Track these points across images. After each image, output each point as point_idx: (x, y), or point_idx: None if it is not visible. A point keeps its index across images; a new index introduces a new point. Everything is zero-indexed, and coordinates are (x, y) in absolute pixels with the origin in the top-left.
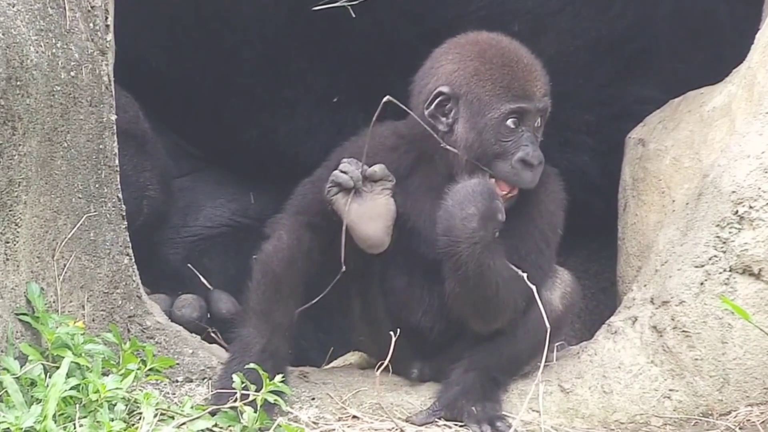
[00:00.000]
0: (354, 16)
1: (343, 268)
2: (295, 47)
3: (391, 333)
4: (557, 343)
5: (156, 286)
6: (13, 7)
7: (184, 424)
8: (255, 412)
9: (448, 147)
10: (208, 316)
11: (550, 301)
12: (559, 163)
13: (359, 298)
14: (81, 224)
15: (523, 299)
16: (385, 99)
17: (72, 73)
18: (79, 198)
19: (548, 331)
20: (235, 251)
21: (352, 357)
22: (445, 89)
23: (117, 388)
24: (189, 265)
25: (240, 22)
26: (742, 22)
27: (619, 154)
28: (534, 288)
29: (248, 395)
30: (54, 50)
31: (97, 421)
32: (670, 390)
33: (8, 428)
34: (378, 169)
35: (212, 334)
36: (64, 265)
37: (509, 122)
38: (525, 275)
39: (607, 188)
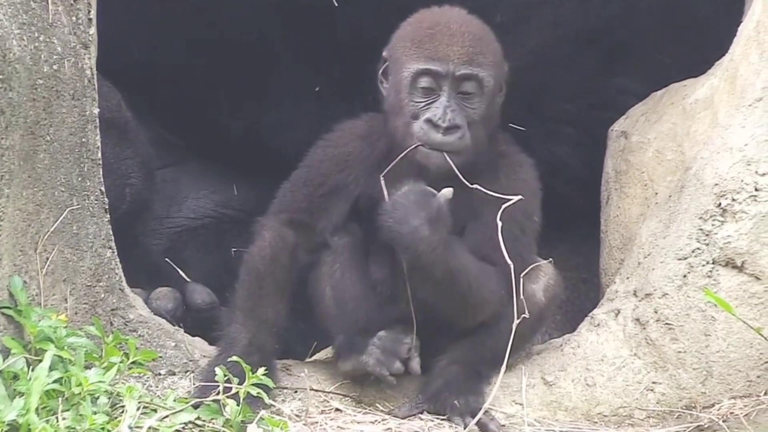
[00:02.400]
0: (336, 5)
1: None
2: (279, 38)
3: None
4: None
5: (136, 279)
6: None
7: (166, 417)
8: (238, 405)
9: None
10: (184, 308)
11: (533, 293)
12: (541, 154)
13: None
14: (64, 217)
15: (505, 289)
16: None
17: (55, 67)
18: (62, 191)
19: (523, 318)
20: (218, 242)
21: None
22: (385, 53)
23: (100, 382)
24: (167, 259)
25: (225, 13)
26: (725, 15)
27: (602, 146)
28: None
29: (231, 388)
30: (36, 44)
31: (80, 414)
32: (654, 383)
33: None
34: None
35: (183, 325)
36: (47, 259)
37: (421, 83)
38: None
39: (589, 180)
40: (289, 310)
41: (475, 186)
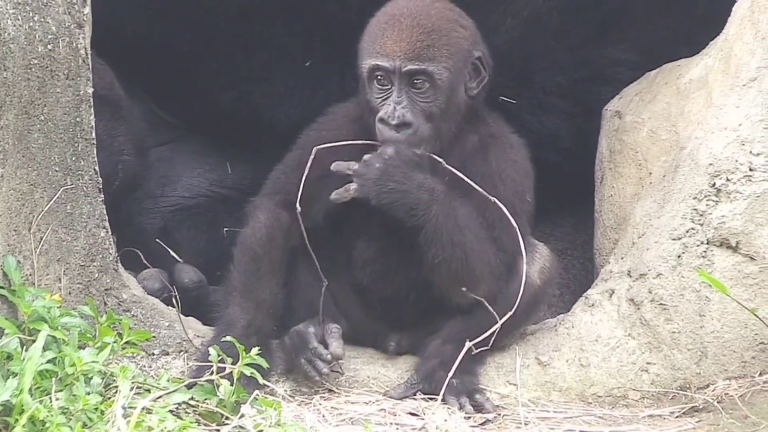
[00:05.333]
0: None
1: None
2: (269, 10)
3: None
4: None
5: (128, 258)
6: None
7: (160, 397)
8: (232, 385)
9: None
10: (173, 287)
11: (528, 274)
12: (531, 125)
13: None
14: (58, 197)
15: (502, 263)
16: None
17: (49, 47)
18: (56, 171)
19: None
20: (212, 221)
21: None
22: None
23: (93, 362)
24: (157, 240)
25: None
26: None
27: (592, 118)
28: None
29: (225, 368)
30: (31, 23)
31: (74, 395)
32: (648, 363)
33: None
34: None
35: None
36: (41, 238)
37: (376, 78)
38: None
39: (579, 152)
40: (285, 292)
41: (440, 160)
